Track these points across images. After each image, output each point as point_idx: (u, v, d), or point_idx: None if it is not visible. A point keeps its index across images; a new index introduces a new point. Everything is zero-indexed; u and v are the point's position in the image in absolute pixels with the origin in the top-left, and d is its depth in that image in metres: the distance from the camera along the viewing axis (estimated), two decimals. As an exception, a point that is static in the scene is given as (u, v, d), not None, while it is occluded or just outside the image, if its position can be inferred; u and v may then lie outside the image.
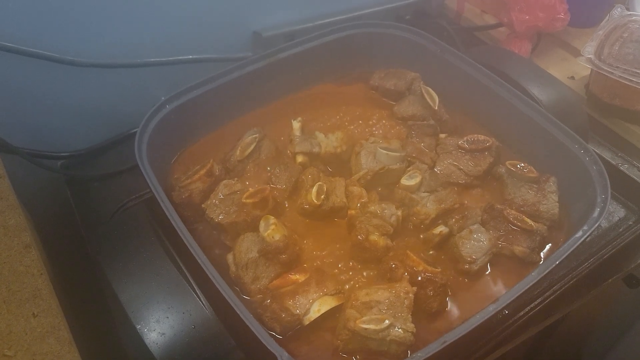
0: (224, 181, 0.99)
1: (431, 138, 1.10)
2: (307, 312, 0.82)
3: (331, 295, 0.84)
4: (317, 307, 0.82)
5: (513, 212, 0.95)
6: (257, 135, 1.07)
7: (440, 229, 0.95)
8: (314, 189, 0.96)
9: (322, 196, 0.96)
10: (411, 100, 1.18)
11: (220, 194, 0.96)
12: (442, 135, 1.12)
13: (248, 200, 0.93)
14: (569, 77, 1.35)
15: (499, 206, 0.96)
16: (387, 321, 0.78)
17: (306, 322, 0.82)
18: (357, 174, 1.03)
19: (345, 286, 0.90)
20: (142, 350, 0.81)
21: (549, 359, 1.51)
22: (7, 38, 1.01)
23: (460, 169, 1.06)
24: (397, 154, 1.03)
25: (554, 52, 1.43)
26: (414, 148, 1.08)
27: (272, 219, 0.92)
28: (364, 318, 0.79)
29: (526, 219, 0.94)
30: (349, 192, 0.99)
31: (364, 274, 0.92)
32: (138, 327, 0.84)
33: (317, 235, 0.97)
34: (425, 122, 1.12)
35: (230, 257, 0.90)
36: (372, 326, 0.78)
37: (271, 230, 0.89)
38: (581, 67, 1.33)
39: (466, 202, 1.02)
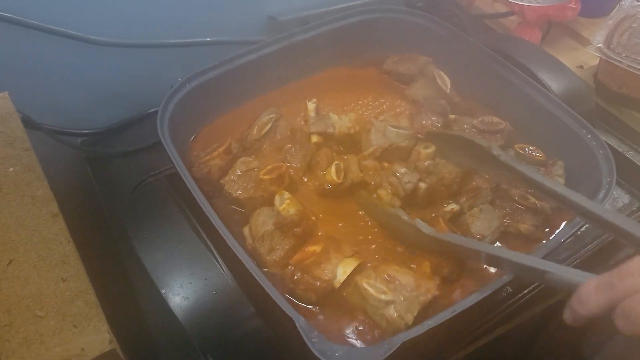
0: (242, 159, 1.02)
1: (439, 116, 1.12)
2: (335, 276, 0.85)
3: (350, 257, 0.88)
4: (342, 269, 0.86)
5: (518, 191, 0.99)
6: (273, 115, 1.09)
7: (452, 206, 0.98)
8: (332, 169, 1.00)
9: (342, 174, 0.99)
10: (423, 83, 1.21)
11: (238, 171, 0.99)
12: (452, 117, 1.14)
13: (265, 177, 0.97)
14: (577, 66, 1.36)
15: (504, 186, 1.00)
16: (386, 296, 0.81)
17: (337, 285, 0.85)
18: (366, 151, 1.06)
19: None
20: (166, 313, 0.85)
21: (551, 342, 1.53)
22: (33, 16, 1.04)
23: None
24: (405, 132, 1.06)
25: (564, 42, 1.44)
26: (420, 125, 1.11)
27: (287, 194, 0.95)
28: (370, 280, 0.83)
29: (530, 197, 0.97)
30: (363, 167, 1.02)
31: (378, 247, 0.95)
32: (163, 291, 0.88)
33: (330, 213, 1.00)
34: (436, 100, 1.14)
35: (246, 230, 0.94)
36: (371, 290, 0.81)
37: (286, 204, 0.93)
38: (590, 57, 1.35)
39: (474, 182, 1.05)
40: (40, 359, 0.69)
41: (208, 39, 1.29)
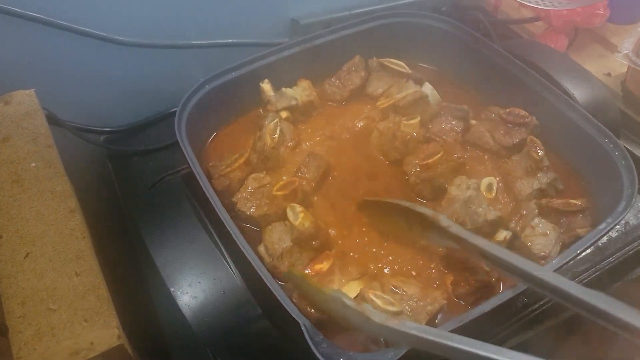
0: (253, 175, 1.00)
1: (459, 121, 1.12)
2: None
3: (356, 279, 0.87)
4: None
5: (558, 200, 0.96)
6: (276, 119, 1.08)
7: (504, 234, 0.92)
8: None
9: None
10: (378, 77, 1.22)
11: (249, 187, 0.97)
12: (473, 122, 1.13)
13: (279, 193, 0.95)
14: (605, 73, 1.33)
15: (542, 201, 0.97)
16: (393, 307, 0.80)
17: None
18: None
19: (371, 267, 0.92)
20: (174, 311, 0.86)
21: (572, 356, 1.50)
22: (61, 16, 1.07)
23: (491, 135, 1.09)
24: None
25: (591, 48, 1.41)
26: (440, 128, 1.12)
27: (299, 207, 0.92)
28: (377, 292, 0.82)
29: (572, 200, 0.95)
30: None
31: (399, 260, 0.93)
32: (172, 289, 0.89)
33: (342, 226, 0.99)
34: (458, 106, 1.14)
35: (262, 249, 0.91)
36: (378, 301, 0.80)
37: (301, 218, 0.90)
38: (618, 64, 1.32)
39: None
40: (50, 351, 0.70)
41: (231, 40, 1.30)
